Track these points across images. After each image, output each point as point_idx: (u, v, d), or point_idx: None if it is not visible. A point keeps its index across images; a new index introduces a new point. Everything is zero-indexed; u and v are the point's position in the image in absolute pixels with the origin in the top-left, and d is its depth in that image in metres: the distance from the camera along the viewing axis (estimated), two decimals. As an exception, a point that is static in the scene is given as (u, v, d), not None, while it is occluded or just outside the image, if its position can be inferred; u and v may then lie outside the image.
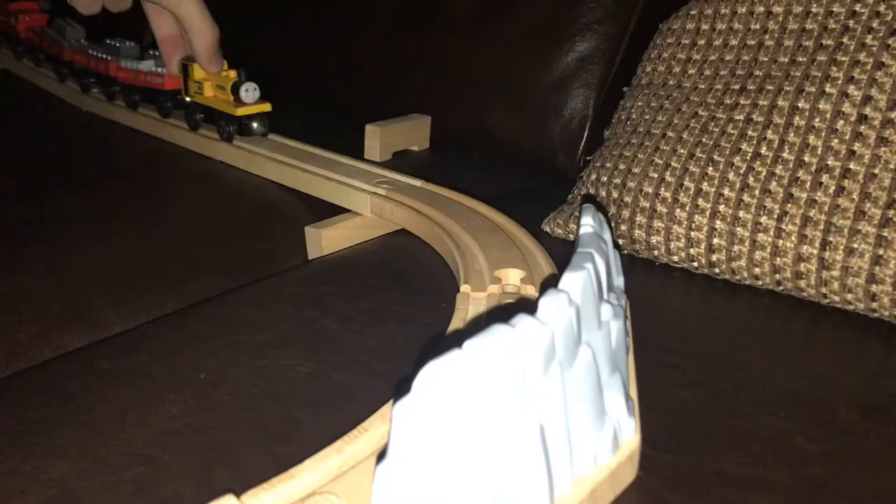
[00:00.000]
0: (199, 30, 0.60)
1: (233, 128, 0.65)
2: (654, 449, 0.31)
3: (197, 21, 0.60)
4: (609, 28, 0.72)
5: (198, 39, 0.61)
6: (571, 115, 0.72)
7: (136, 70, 0.75)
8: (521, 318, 0.23)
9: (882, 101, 0.43)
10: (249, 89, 0.63)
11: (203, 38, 0.61)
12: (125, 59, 0.77)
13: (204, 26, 0.60)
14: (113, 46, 0.80)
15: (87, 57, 0.82)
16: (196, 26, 0.60)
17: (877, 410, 0.35)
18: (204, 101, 0.67)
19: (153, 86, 0.73)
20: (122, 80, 0.77)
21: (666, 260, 0.49)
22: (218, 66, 0.64)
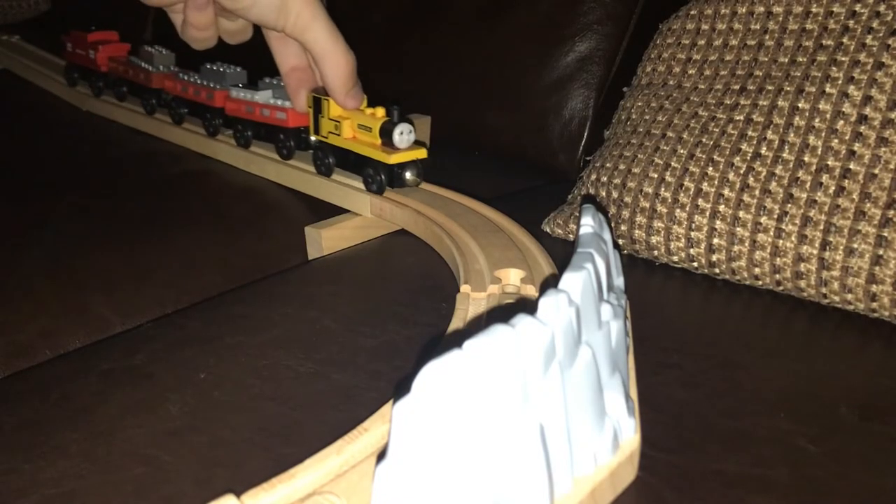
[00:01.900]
0: (331, 59, 0.49)
1: (383, 177, 0.53)
2: (654, 449, 0.31)
3: (329, 49, 0.49)
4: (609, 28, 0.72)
5: (330, 70, 0.50)
6: (571, 115, 0.72)
7: (251, 102, 0.63)
8: (521, 318, 0.23)
9: (882, 101, 0.43)
10: (404, 132, 0.51)
11: (337, 69, 0.50)
12: (235, 88, 0.65)
13: (337, 54, 0.49)
14: (216, 72, 0.68)
15: (184, 84, 0.71)
16: (328, 55, 0.49)
17: (877, 410, 0.35)
18: (341, 143, 0.56)
19: (273, 122, 0.62)
20: (230, 112, 0.66)
21: (666, 260, 0.49)
22: (357, 101, 0.53)
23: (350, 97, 0.51)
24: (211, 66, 0.69)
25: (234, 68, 0.69)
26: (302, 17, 0.46)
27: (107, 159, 0.73)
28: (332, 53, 0.49)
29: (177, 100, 0.73)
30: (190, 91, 0.70)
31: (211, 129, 0.69)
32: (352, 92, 0.51)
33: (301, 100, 0.57)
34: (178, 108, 0.73)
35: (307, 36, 0.48)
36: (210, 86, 0.68)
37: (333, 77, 0.50)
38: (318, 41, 0.48)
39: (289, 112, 0.60)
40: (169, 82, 0.73)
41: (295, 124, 0.61)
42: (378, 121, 0.52)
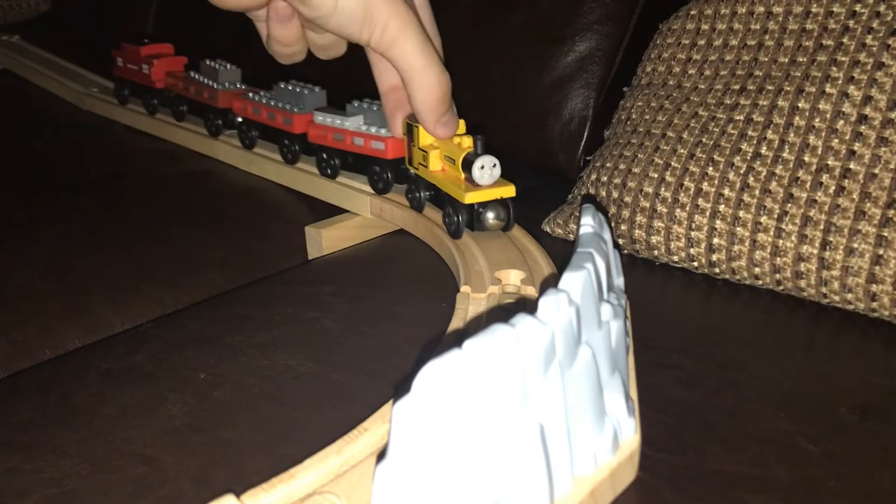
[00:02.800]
0: (420, 80, 0.42)
1: (460, 218, 0.46)
2: (654, 449, 0.31)
3: (418, 68, 0.41)
4: (609, 28, 0.72)
5: (419, 93, 0.42)
6: (571, 115, 0.72)
7: (341, 129, 0.55)
8: (521, 318, 0.23)
9: (882, 101, 0.43)
10: (486, 166, 0.43)
11: (426, 92, 0.42)
12: (319, 113, 0.57)
13: (428, 75, 0.42)
14: (294, 93, 0.61)
15: (255, 105, 0.63)
16: (416, 75, 0.41)
17: (877, 410, 0.35)
18: (428, 176, 0.48)
19: (368, 152, 0.54)
20: (314, 139, 0.58)
21: (666, 260, 0.49)
22: (449, 129, 0.44)
23: (441, 125, 0.43)
24: (286, 86, 0.61)
25: (313, 88, 0.61)
26: (390, 29, 0.39)
27: (107, 159, 0.73)
28: (421, 73, 0.41)
29: (247, 122, 0.64)
30: (263, 114, 0.62)
31: (290, 156, 0.61)
32: (443, 119, 0.43)
33: (397, 125, 0.50)
34: (250, 132, 0.65)
35: (393, 52, 0.40)
36: (288, 108, 0.60)
37: (422, 101, 0.42)
38: (405, 58, 0.40)
39: (388, 141, 0.52)
40: (237, 102, 0.65)
41: (394, 155, 0.52)
42: (462, 152, 0.45)
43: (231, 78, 0.68)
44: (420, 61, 0.41)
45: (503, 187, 0.45)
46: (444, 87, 0.42)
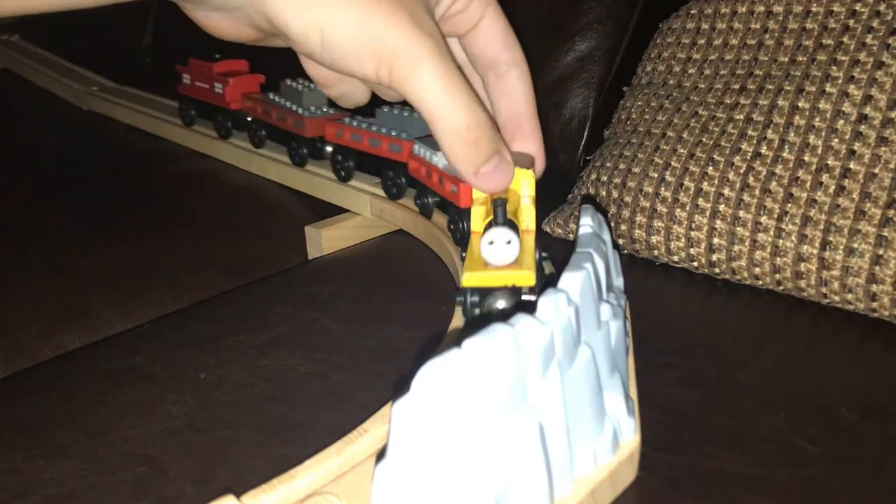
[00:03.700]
0: (442, 123, 0.32)
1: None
2: (654, 449, 0.31)
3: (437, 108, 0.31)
4: (609, 28, 0.71)
5: (442, 138, 0.32)
6: (571, 115, 0.72)
7: (430, 165, 0.49)
8: (521, 318, 0.23)
9: (882, 100, 0.43)
10: (496, 241, 0.32)
11: (451, 136, 0.32)
12: (420, 143, 0.50)
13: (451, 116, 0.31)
14: (401, 118, 0.53)
15: (354, 131, 0.55)
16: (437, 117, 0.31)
17: (877, 410, 0.35)
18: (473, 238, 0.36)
19: (447, 195, 0.47)
20: (413, 173, 0.51)
21: (666, 260, 0.49)
22: (494, 181, 0.33)
23: (483, 177, 0.33)
24: (391, 110, 0.54)
25: (412, 112, 0.52)
26: (400, 61, 0.29)
27: (107, 159, 0.73)
28: (442, 116, 0.31)
29: (343, 151, 0.57)
30: (365, 141, 0.54)
31: (395, 190, 0.53)
32: (485, 169, 0.32)
33: None
34: (346, 162, 0.57)
35: (407, 88, 0.30)
36: (393, 135, 0.53)
37: (450, 149, 0.32)
38: (422, 98, 0.30)
39: (461, 188, 0.45)
40: (330, 129, 0.57)
41: (466, 204, 0.45)
42: (489, 215, 0.34)
43: (317, 101, 0.61)
44: (440, 100, 0.31)
45: (517, 272, 0.32)
46: (475, 130, 0.31)
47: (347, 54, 0.30)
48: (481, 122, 0.31)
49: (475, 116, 0.31)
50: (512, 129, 0.36)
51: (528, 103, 0.36)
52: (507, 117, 0.36)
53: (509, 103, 0.35)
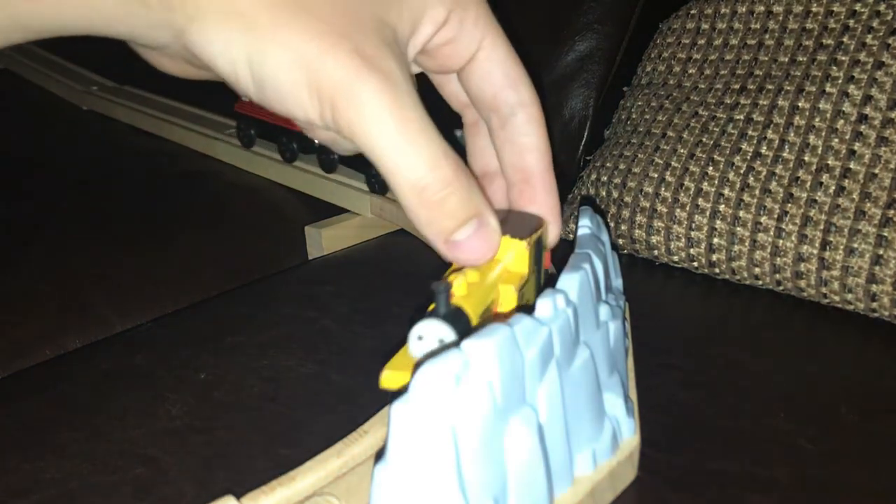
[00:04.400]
0: (397, 179, 0.25)
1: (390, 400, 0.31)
2: (654, 449, 0.31)
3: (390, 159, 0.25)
4: (609, 28, 0.71)
5: (399, 196, 0.26)
6: (571, 115, 0.72)
7: None
8: (519, 318, 0.23)
9: (882, 100, 0.43)
10: (427, 337, 0.25)
11: (408, 194, 0.25)
12: None
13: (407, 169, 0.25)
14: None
15: None
16: (391, 172, 0.25)
17: (877, 410, 0.35)
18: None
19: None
20: None
21: (666, 260, 0.49)
22: (470, 252, 0.26)
23: (455, 246, 0.26)
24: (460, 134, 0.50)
25: None
26: (342, 101, 0.24)
27: (107, 159, 0.73)
28: (399, 168, 0.24)
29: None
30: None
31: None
32: (458, 236, 0.26)
33: None
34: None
35: (355, 133, 0.24)
36: None
37: (408, 209, 0.25)
38: (370, 143, 0.24)
39: None
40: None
41: None
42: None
43: None
44: (393, 150, 0.24)
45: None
46: (440, 188, 0.25)
47: (283, 93, 0.24)
48: (448, 177, 0.25)
49: (440, 172, 0.24)
50: (519, 185, 0.29)
51: (538, 154, 0.29)
52: (512, 170, 0.29)
53: (515, 154, 0.29)
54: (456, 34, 0.27)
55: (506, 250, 0.27)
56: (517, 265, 0.28)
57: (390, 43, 0.25)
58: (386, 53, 0.24)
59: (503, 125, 0.29)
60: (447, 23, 0.26)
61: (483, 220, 0.26)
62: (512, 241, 0.27)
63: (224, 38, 0.23)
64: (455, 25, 0.27)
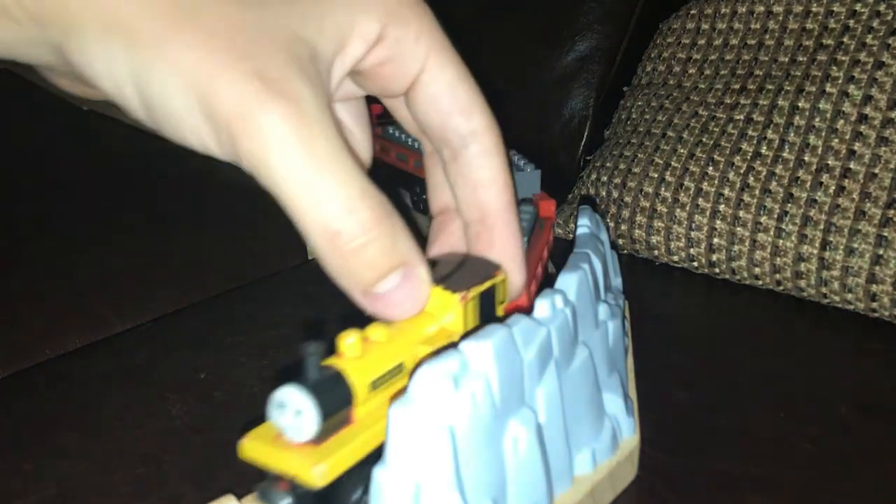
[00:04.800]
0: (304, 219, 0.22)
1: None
2: (654, 449, 0.31)
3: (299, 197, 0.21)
4: (609, 28, 0.71)
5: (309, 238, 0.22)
6: (571, 115, 0.72)
7: None
8: (518, 318, 0.23)
9: (882, 100, 0.43)
10: (287, 406, 0.21)
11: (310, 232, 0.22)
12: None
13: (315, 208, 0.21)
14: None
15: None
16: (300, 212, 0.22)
17: (877, 410, 0.35)
18: None
19: None
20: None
21: (666, 260, 0.49)
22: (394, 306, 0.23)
23: (376, 299, 0.23)
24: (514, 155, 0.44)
25: (526, 165, 0.43)
26: (239, 129, 0.20)
27: (107, 159, 0.73)
28: (305, 210, 0.21)
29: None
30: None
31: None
32: (380, 288, 0.23)
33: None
34: None
35: (256, 167, 0.21)
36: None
37: (320, 256, 0.23)
38: (273, 179, 0.21)
39: None
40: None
41: None
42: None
43: None
44: (298, 188, 0.21)
45: (304, 460, 0.20)
46: (355, 233, 0.21)
47: (175, 119, 0.20)
48: (366, 221, 0.21)
49: (357, 215, 0.21)
50: (476, 225, 0.25)
51: (495, 190, 0.25)
52: (468, 209, 0.25)
53: (469, 190, 0.25)
54: (393, 53, 0.23)
55: (440, 305, 0.23)
56: (453, 322, 0.23)
57: (304, 62, 0.21)
58: (295, 75, 0.20)
59: (455, 157, 0.25)
60: (382, 40, 0.23)
61: (410, 271, 0.22)
62: (444, 293, 0.23)
63: (105, 56, 0.20)
64: (392, 43, 0.23)
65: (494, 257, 0.25)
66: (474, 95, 0.25)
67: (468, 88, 0.25)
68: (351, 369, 0.21)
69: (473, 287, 0.23)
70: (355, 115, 0.26)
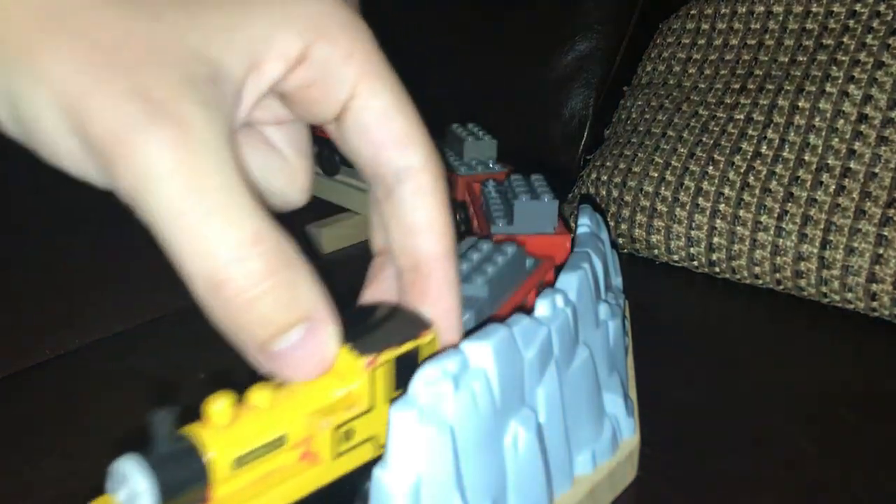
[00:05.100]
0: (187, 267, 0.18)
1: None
2: (654, 449, 0.31)
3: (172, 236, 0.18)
4: (609, 28, 0.71)
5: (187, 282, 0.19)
6: (571, 115, 0.72)
7: None
8: (518, 318, 0.23)
9: (882, 100, 0.43)
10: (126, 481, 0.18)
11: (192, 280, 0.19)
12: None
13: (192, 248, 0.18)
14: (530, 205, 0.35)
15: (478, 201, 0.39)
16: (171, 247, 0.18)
17: (877, 410, 0.35)
18: None
19: None
20: None
21: (666, 259, 0.49)
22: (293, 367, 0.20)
23: (273, 358, 0.20)
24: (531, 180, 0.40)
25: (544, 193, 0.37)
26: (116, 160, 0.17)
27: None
28: (187, 255, 0.18)
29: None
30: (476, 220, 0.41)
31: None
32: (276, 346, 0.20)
33: None
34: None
35: (136, 204, 0.18)
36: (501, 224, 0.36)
37: (206, 309, 0.20)
38: (152, 217, 0.18)
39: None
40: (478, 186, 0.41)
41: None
42: None
43: (483, 153, 0.45)
44: (178, 230, 0.18)
45: None
46: (246, 284, 0.18)
47: (49, 140, 0.18)
48: (259, 269, 0.18)
49: (248, 263, 0.18)
50: (409, 273, 0.22)
51: (431, 236, 0.21)
52: (402, 254, 0.22)
53: (402, 233, 0.22)
54: (319, 75, 0.20)
55: (346, 368, 0.20)
56: (358, 390, 0.20)
57: (200, 82, 0.18)
58: (186, 95, 0.17)
59: (388, 195, 0.22)
60: (305, 59, 0.20)
61: (314, 327, 0.19)
62: (349, 355, 0.20)
63: None
64: (317, 63, 0.20)
65: (426, 311, 0.21)
66: (411, 126, 0.21)
67: (405, 118, 0.21)
68: (211, 441, 0.18)
69: (387, 350, 0.20)
70: (293, 139, 0.23)
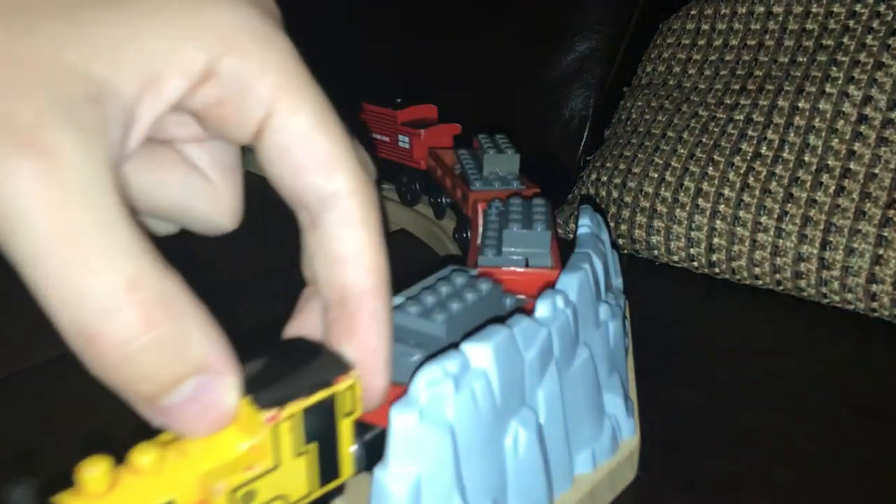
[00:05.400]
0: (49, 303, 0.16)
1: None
2: (654, 449, 0.31)
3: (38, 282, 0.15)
4: (609, 28, 0.71)
5: (61, 333, 0.17)
6: (571, 115, 0.72)
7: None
8: (518, 319, 0.23)
9: (882, 100, 0.43)
10: None
11: (66, 331, 0.16)
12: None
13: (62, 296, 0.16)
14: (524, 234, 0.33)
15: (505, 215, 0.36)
16: (40, 294, 0.16)
17: (876, 410, 0.35)
18: None
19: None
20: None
21: (666, 260, 0.49)
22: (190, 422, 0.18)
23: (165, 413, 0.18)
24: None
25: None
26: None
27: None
28: (53, 302, 0.16)
29: None
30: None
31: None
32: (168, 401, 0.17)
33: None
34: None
35: (3, 245, 0.15)
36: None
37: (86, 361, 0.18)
38: (17, 258, 0.15)
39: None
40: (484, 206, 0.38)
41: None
42: None
43: (504, 167, 0.43)
44: (44, 273, 0.15)
45: None
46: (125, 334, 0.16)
47: None
48: (134, 322, 0.16)
49: (124, 314, 0.16)
50: (334, 310, 0.19)
51: (359, 269, 0.19)
52: (326, 288, 0.20)
53: (327, 265, 0.20)
54: (229, 92, 0.18)
55: (247, 422, 0.17)
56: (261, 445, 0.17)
57: (76, 105, 0.16)
58: (57, 121, 0.15)
59: (313, 224, 0.19)
60: (212, 75, 0.17)
61: (208, 380, 0.17)
62: (249, 408, 0.17)
63: None
64: (227, 80, 0.18)
65: (351, 351, 0.19)
66: (336, 148, 0.19)
67: (328, 139, 0.19)
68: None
69: (292, 402, 0.17)
70: (217, 158, 0.21)
